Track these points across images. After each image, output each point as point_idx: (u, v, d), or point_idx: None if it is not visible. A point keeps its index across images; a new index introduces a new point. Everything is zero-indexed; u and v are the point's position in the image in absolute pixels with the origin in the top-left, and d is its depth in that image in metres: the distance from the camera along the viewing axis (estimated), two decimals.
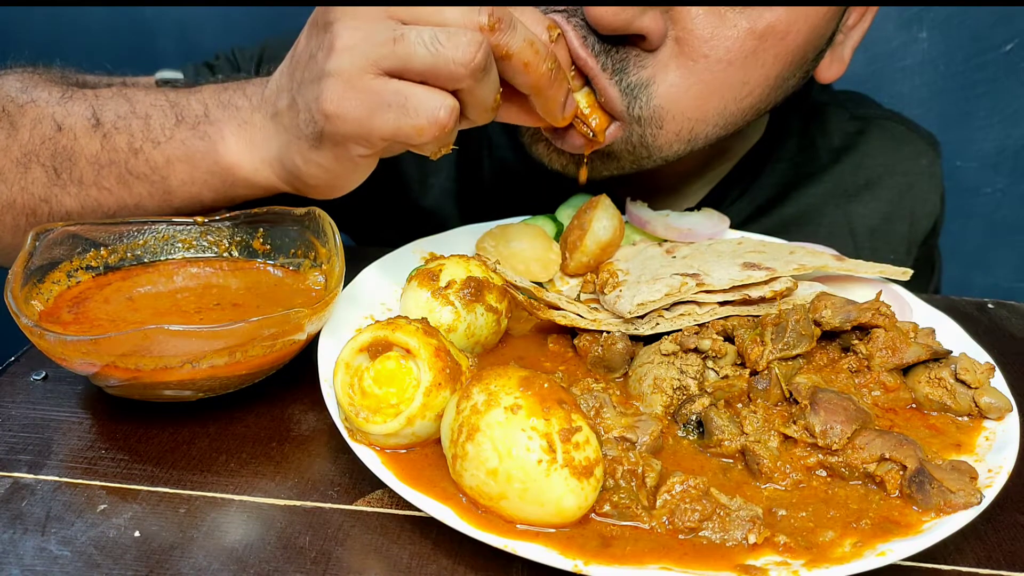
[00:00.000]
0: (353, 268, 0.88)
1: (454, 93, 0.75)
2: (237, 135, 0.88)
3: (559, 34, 0.84)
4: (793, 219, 1.20)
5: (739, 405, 0.76)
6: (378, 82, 0.74)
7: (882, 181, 1.23)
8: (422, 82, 0.74)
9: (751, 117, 0.98)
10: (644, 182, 1.14)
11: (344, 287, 0.83)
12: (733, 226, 1.16)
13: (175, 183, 0.90)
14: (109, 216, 0.91)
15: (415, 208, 1.24)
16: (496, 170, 1.23)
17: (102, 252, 0.85)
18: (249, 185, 0.90)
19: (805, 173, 1.22)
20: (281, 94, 0.84)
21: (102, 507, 0.67)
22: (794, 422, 0.72)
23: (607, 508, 0.64)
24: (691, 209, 1.17)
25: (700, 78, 0.89)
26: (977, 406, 0.77)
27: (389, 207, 1.25)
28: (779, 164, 1.22)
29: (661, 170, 1.04)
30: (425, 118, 0.73)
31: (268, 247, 0.91)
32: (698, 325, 0.83)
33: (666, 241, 1.03)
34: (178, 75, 1.15)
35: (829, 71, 1.05)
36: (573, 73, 0.90)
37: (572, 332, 0.87)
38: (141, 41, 1.87)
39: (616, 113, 0.91)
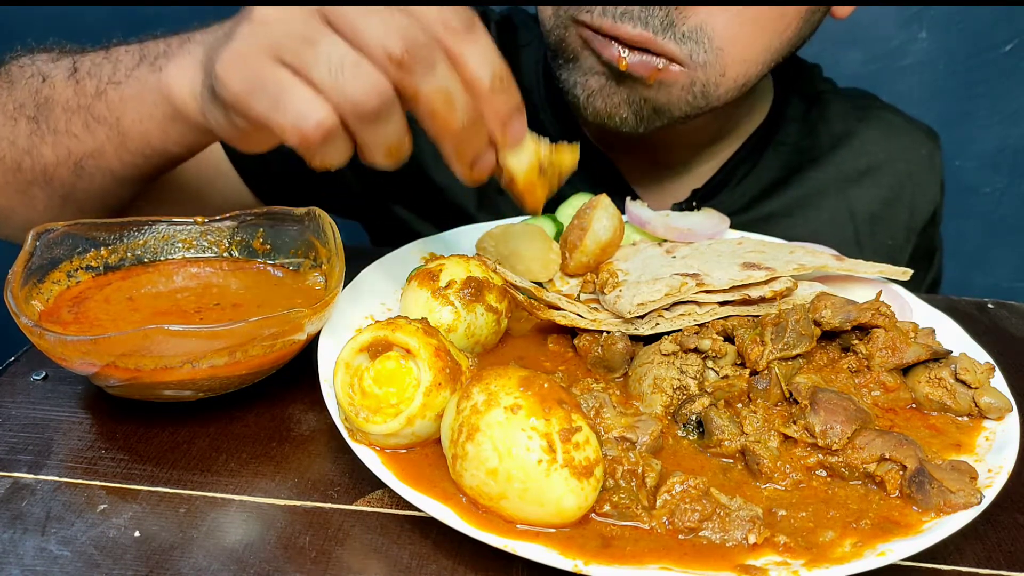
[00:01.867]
0: (353, 268, 0.88)
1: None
2: (180, 65, 0.84)
3: (501, 85, 0.73)
4: (796, 202, 1.23)
5: (739, 405, 0.76)
6: (268, 67, 0.68)
7: (882, 168, 1.26)
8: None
9: (786, 53, 1.04)
10: (658, 157, 1.18)
11: (344, 287, 0.83)
12: (739, 209, 1.17)
13: (127, 122, 0.88)
14: (77, 163, 0.92)
15: (429, 183, 1.24)
16: None
17: (102, 252, 0.85)
18: (184, 119, 0.85)
19: (808, 158, 1.25)
20: (217, 36, 0.80)
21: (102, 507, 0.67)
22: (794, 422, 0.72)
23: (607, 508, 0.64)
24: (692, 207, 1.18)
25: (747, 16, 0.95)
26: (977, 406, 0.77)
27: (402, 181, 1.25)
28: (782, 147, 1.24)
29: (676, 143, 1.09)
30: (291, 121, 0.67)
31: (268, 247, 0.91)
32: (698, 325, 0.83)
33: (666, 241, 1.03)
34: None
35: (844, 8, 1.10)
36: (542, 147, 0.78)
37: (572, 332, 0.87)
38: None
39: (681, 62, 0.95)
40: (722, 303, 0.86)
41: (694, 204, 1.19)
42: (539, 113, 1.21)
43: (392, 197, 1.28)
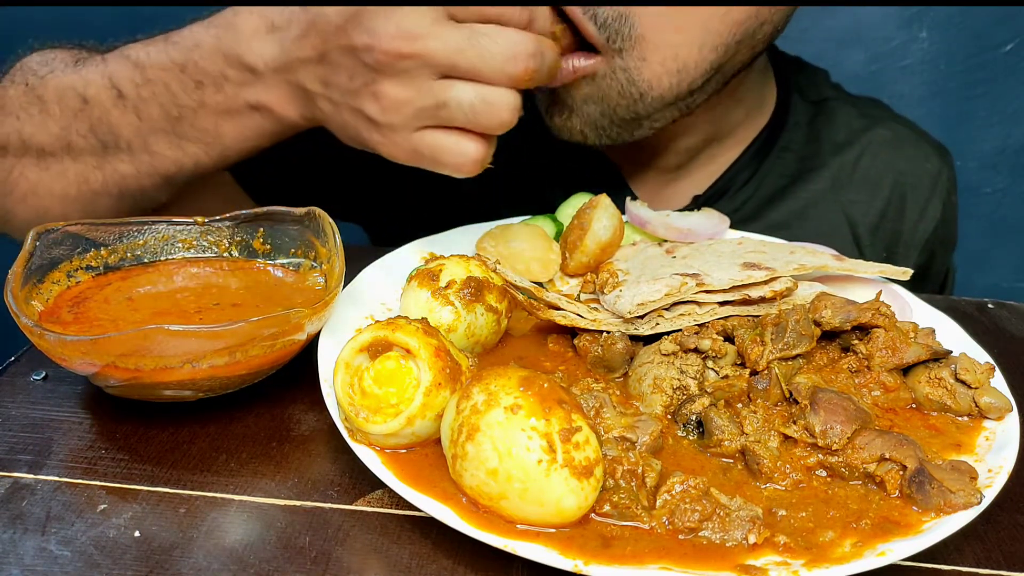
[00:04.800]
0: (353, 268, 0.88)
1: None
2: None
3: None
4: (796, 214, 1.21)
5: (739, 405, 0.76)
6: (416, 136, 0.82)
7: (883, 178, 1.23)
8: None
9: (740, 36, 0.98)
10: (655, 160, 1.19)
11: (344, 287, 0.83)
12: (741, 216, 1.17)
13: (229, 140, 0.94)
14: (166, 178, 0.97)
15: (423, 184, 1.23)
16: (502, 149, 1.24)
17: (102, 252, 0.85)
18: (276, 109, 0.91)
19: (809, 167, 1.23)
20: (306, 71, 0.87)
21: (102, 507, 0.67)
22: (794, 422, 0.72)
23: (607, 508, 0.64)
24: (692, 207, 1.18)
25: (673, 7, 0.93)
26: (977, 406, 0.77)
27: (398, 176, 1.25)
28: (786, 154, 1.22)
29: (667, 145, 1.09)
30: (454, 166, 0.83)
31: (268, 247, 0.91)
32: (698, 325, 0.83)
33: (666, 241, 1.03)
34: None
35: None
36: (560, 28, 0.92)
37: (572, 332, 0.87)
38: None
39: (597, 46, 0.95)
40: (722, 303, 0.86)
41: (694, 209, 1.19)
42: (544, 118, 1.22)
43: (390, 193, 1.27)
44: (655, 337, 0.83)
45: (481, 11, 0.80)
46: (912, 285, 0.96)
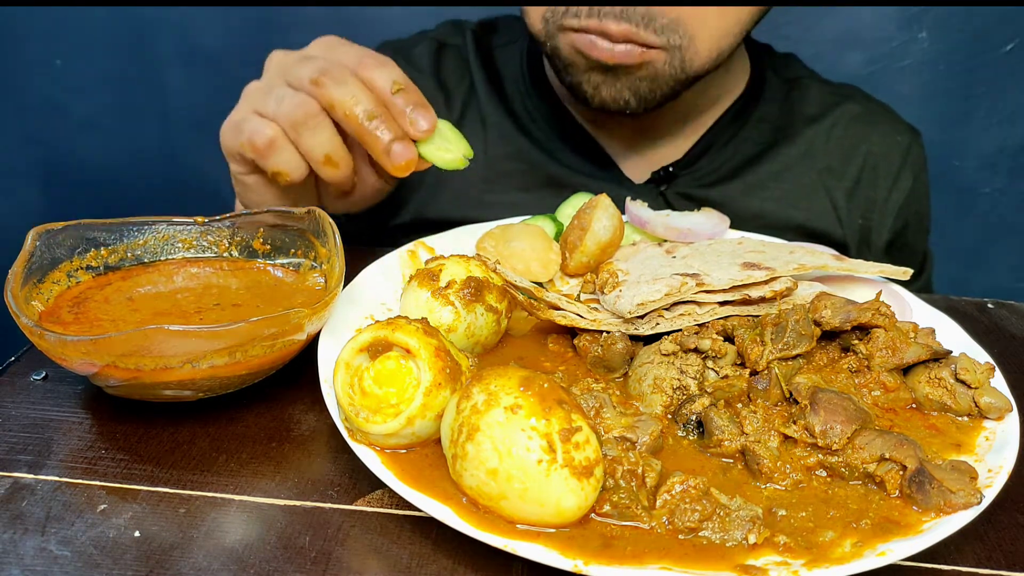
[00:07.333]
0: (353, 268, 0.88)
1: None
2: None
3: (399, 88, 0.92)
4: (774, 175, 1.27)
5: (739, 405, 0.76)
6: (244, 115, 0.95)
7: (856, 148, 1.30)
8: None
9: (759, 17, 1.14)
10: (642, 127, 1.27)
11: (344, 287, 0.83)
12: (719, 175, 1.24)
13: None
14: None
15: (427, 180, 1.27)
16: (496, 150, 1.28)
17: (102, 252, 0.85)
18: None
19: (784, 136, 1.30)
20: None
21: (102, 507, 0.67)
22: (794, 422, 0.72)
23: (607, 508, 0.64)
24: (671, 173, 1.19)
25: (715, 8, 1.04)
26: (977, 406, 0.77)
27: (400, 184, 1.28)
28: (761, 125, 1.30)
29: (659, 114, 1.19)
30: (247, 138, 0.93)
31: (268, 247, 0.91)
32: (698, 325, 0.83)
33: (666, 241, 1.03)
34: None
35: None
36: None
37: (572, 332, 0.87)
38: (141, 41, 1.87)
39: (660, 47, 1.05)
40: (722, 303, 0.86)
41: (671, 168, 1.24)
42: (524, 99, 1.28)
43: (398, 190, 1.29)
44: (655, 337, 0.83)
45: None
46: (890, 259, 0.98)
